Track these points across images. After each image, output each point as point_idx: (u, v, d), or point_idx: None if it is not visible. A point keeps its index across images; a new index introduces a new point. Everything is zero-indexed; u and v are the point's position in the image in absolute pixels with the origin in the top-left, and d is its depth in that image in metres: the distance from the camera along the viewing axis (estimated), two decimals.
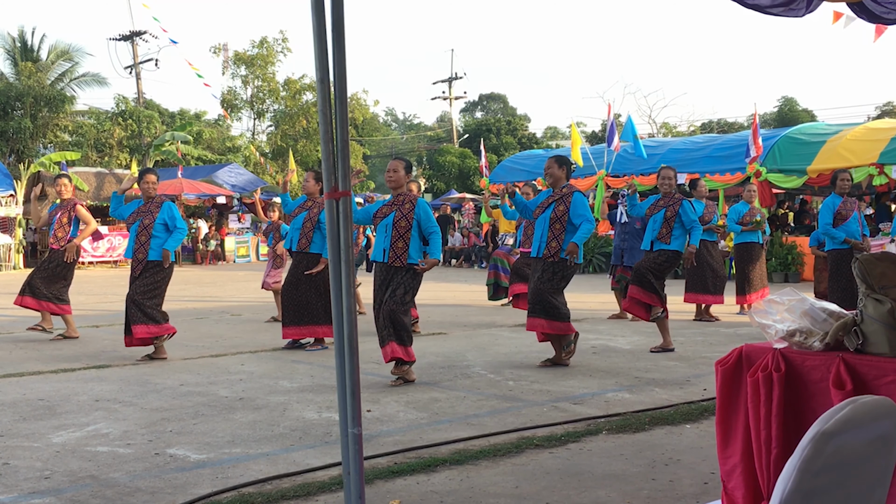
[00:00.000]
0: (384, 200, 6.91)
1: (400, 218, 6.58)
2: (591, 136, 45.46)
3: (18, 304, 9.30)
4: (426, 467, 4.28)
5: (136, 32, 38.14)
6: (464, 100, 57.88)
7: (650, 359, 7.61)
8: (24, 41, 33.40)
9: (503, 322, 10.44)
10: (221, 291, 16.48)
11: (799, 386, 2.99)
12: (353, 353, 2.95)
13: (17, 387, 6.55)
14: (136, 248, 7.81)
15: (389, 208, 6.68)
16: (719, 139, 20.96)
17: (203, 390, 6.36)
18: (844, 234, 8.48)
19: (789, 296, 3.09)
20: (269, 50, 39.48)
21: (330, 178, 2.97)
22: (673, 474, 4.14)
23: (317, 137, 36.99)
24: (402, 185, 6.73)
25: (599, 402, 5.83)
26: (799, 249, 16.36)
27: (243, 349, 8.50)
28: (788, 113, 47.13)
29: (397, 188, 6.71)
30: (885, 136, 16.11)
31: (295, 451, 4.64)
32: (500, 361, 7.51)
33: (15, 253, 23.97)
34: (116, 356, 8.10)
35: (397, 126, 67.22)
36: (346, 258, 2.95)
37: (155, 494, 3.92)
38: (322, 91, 2.93)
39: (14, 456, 4.59)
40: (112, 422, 5.36)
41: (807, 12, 3.73)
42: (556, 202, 7.18)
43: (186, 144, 32.63)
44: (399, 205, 6.66)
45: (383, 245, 6.57)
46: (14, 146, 30.67)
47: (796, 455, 1.65)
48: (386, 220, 6.61)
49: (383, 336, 6.52)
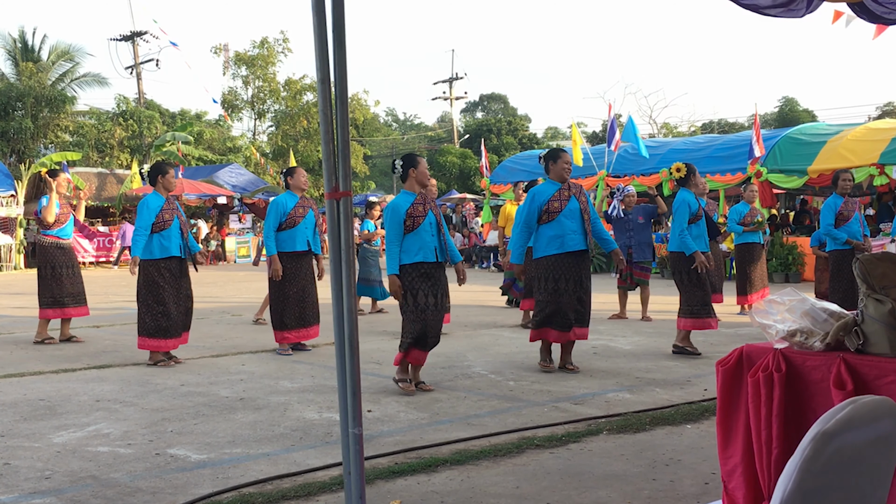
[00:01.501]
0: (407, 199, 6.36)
1: (438, 215, 6.44)
2: (592, 136, 45.49)
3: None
4: (427, 467, 4.28)
5: (137, 33, 38.18)
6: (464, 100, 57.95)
7: (651, 359, 7.61)
8: (24, 41, 33.44)
9: (504, 322, 10.43)
10: (222, 292, 16.48)
11: (800, 386, 2.99)
12: (354, 353, 2.95)
13: (18, 387, 6.56)
14: (181, 245, 7.65)
15: (424, 207, 6.32)
16: (720, 139, 20.93)
17: (204, 390, 6.36)
18: (846, 235, 8.48)
19: (790, 296, 3.09)
20: (269, 50, 39.50)
21: (331, 178, 2.97)
22: (674, 474, 4.14)
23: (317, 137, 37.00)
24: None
25: (600, 402, 5.83)
26: (800, 250, 16.35)
27: (244, 349, 8.50)
28: (789, 113, 47.15)
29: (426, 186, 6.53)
30: (886, 136, 16.09)
31: (296, 452, 4.64)
32: (501, 362, 7.51)
33: (16, 253, 23.98)
34: (117, 356, 8.10)
35: (398, 126, 67.23)
36: (347, 258, 2.95)
37: (156, 494, 3.93)
38: (323, 91, 2.93)
39: (15, 456, 4.59)
40: (113, 422, 5.36)
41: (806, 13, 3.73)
42: (576, 195, 7.08)
43: (187, 145, 32.66)
44: (429, 203, 6.40)
45: (434, 244, 6.26)
46: (15, 146, 30.70)
47: (797, 455, 1.65)
48: (430, 218, 6.30)
49: (433, 343, 6.30)
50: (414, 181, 6.33)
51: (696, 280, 7.72)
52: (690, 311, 7.75)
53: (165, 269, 7.54)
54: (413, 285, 6.17)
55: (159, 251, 7.52)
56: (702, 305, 7.71)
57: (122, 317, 11.78)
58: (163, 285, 7.51)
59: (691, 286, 7.74)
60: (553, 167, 7.10)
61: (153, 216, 7.54)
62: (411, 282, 6.17)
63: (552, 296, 6.91)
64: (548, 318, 6.97)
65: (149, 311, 7.53)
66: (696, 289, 7.73)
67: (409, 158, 6.43)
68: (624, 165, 19.48)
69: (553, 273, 6.91)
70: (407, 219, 6.19)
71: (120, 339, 9.33)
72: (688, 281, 7.76)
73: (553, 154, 7.19)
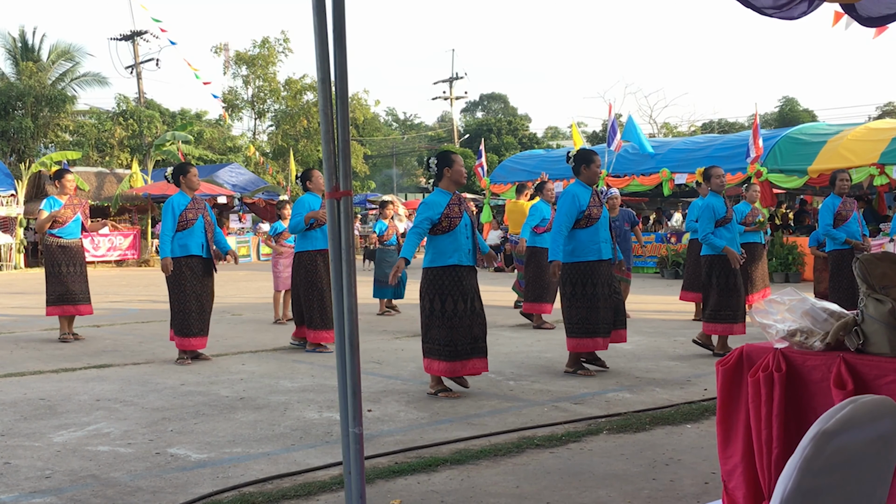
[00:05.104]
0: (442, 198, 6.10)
1: (472, 216, 6.27)
2: (592, 136, 45.48)
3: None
4: (427, 467, 4.28)
5: (137, 32, 38.16)
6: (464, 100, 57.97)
7: (651, 359, 7.61)
8: (24, 41, 33.42)
9: (504, 322, 10.43)
10: (222, 291, 16.42)
11: (800, 386, 2.99)
12: (354, 352, 2.95)
13: (19, 386, 6.56)
14: (203, 245, 7.69)
15: (460, 207, 6.09)
16: (720, 139, 20.94)
17: (204, 390, 6.36)
18: (845, 235, 8.48)
19: (790, 296, 3.09)
20: (270, 50, 39.52)
21: (331, 177, 2.97)
22: (674, 474, 4.14)
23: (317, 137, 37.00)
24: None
25: (600, 401, 5.83)
26: (799, 249, 16.35)
27: (244, 349, 8.50)
28: (789, 113, 47.17)
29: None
30: (886, 136, 16.09)
31: (296, 451, 4.64)
32: (501, 361, 7.51)
33: (16, 252, 23.97)
34: (118, 356, 8.11)
35: (398, 126, 67.22)
36: (347, 258, 2.95)
37: (156, 494, 3.93)
38: (323, 91, 2.93)
39: (15, 455, 4.59)
40: (113, 421, 5.36)
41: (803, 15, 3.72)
42: (605, 202, 7.01)
43: (187, 144, 32.62)
44: (464, 203, 6.21)
45: (468, 246, 6.06)
46: (15, 146, 30.69)
47: (797, 455, 1.65)
48: (465, 220, 6.08)
49: (480, 347, 6.06)
50: (449, 180, 6.08)
51: (723, 284, 7.70)
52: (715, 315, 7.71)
53: (187, 268, 7.60)
54: (443, 290, 5.93)
55: (179, 250, 7.59)
56: (729, 309, 7.65)
57: (122, 316, 11.79)
58: (185, 283, 7.59)
59: (720, 290, 7.71)
60: (585, 171, 6.86)
61: (177, 216, 7.61)
62: (441, 286, 5.94)
63: (591, 301, 6.73)
64: (594, 325, 6.76)
65: (173, 309, 7.68)
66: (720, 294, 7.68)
67: (444, 157, 6.18)
68: (624, 165, 19.48)
69: (591, 279, 6.73)
70: (443, 219, 5.95)
71: (120, 339, 9.34)
72: (716, 284, 7.74)
73: (585, 157, 6.91)
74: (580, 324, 6.77)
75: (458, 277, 5.97)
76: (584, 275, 6.75)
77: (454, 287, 5.94)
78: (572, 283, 6.80)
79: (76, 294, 9.16)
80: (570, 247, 6.80)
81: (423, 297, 6.03)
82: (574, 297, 6.79)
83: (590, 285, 6.73)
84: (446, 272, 5.95)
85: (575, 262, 6.78)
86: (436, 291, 5.95)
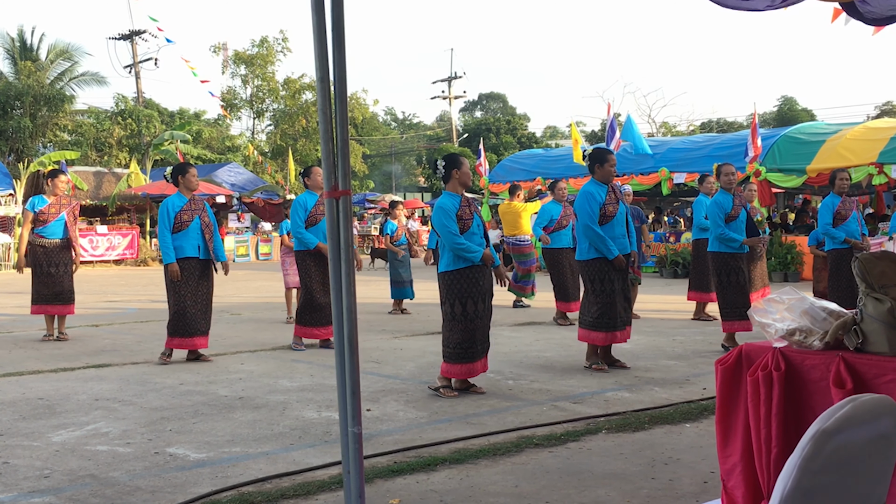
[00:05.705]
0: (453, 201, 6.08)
1: (482, 217, 6.27)
2: (591, 135, 45.47)
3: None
4: (426, 466, 4.28)
5: (136, 32, 38.17)
6: (463, 99, 58.02)
7: (650, 358, 7.61)
8: (23, 40, 33.41)
9: (503, 321, 10.43)
10: (221, 290, 16.40)
11: (799, 385, 2.99)
12: (353, 352, 2.95)
13: (17, 386, 6.55)
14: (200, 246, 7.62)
15: (470, 209, 6.09)
16: (719, 138, 20.94)
17: (203, 389, 6.36)
18: (844, 234, 8.48)
19: (789, 295, 3.09)
20: (268, 49, 39.52)
21: (330, 177, 2.97)
22: (673, 473, 4.15)
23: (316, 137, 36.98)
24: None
25: (599, 401, 5.83)
26: (798, 249, 16.36)
27: (243, 348, 8.50)
28: (788, 112, 47.19)
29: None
30: (885, 135, 16.10)
31: (295, 451, 4.64)
32: (500, 360, 7.51)
33: (14, 252, 23.96)
34: (116, 355, 8.10)
35: (397, 125, 67.23)
36: (347, 258, 2.95)
37: (155, 493, 3.92)
38: (322, 90, 2.93)
39: (14, 455, 4.59)
40: (112, 421, 5.36)
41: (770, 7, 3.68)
42: (620, 199, 7.01)
43: (186, 144, 32.63)
44: (473, 205, 6.21)
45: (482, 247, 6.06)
46: (13, 145, 30.69)
47: (796, 453, 1.65)
48: (476, 220, 6.08)
49: (488, 345, 6.14)
50: (457, 182, 6.09)
51: (734, 282, 7.81)
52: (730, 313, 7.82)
53: (182, 269, 7.56)
54: (463, 293, 5.92)
55: (175, 252, 7.54)
56: (742, 307, 7.72)
57: (121, 316, 11.79)
58: (179, 285, 7.55)
59: (731, 288, 7.81)
60: (599, 169, 6.93)
61: (171, 218, 7.56)
62: (460, 289, 5.92)
63: (610, 297, 6.84)
64: (612, 320, 6.86)
65: (170, 311, 7.65)
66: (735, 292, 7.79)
67: (451, 159, 6.16)
68: (624, 165, 19.45)
69: (609, 274, 6.83)
70: (457, 222, 5.98)
71: (119, 339, 9.33)
72: (727, 283, 7.84)
73: (600, 156, 6.96)
74: (599, 318, 6.89)
75: (475, 278, 5.98)
76: (602, 271, 6.86)
77: (473, 288, 5.96)
78: (591, 279, 6.93)
79: (56, 294, 9.13)
80: (586, 244, 6.92)
81: (444, 302, 6.02)
82: (593, 293, 6.92)
83: (608, 281, 6.85)
84: (463, 274, 5.96)
85: (592, 258, 6.90)
86: (456, 296, 5.95)
